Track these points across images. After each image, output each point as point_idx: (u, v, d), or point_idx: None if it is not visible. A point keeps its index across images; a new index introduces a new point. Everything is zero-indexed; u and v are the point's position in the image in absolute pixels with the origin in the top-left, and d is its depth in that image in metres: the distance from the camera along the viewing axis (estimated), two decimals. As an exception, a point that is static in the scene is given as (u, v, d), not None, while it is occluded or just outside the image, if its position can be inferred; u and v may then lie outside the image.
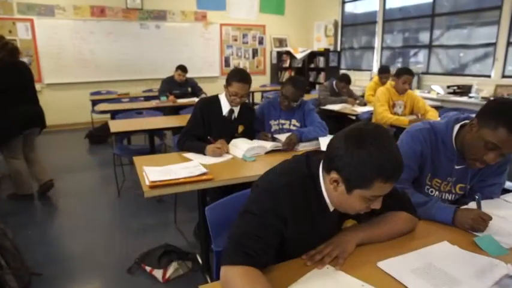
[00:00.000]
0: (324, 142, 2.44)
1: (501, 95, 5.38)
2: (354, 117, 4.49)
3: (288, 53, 8.83)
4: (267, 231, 1.02)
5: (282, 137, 2.51)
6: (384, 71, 4.98)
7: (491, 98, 5.34)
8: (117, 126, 3.37)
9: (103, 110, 4.53)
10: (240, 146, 2.29)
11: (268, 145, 2.35)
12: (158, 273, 2.30)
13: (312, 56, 8.75)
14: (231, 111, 2.50)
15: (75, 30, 6.81)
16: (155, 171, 1.83)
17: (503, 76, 5.60)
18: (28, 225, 3.09)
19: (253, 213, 1.04)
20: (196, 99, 5.15)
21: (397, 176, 0.98)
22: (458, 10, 6.13)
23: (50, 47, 6.68)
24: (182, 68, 5.17)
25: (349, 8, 8.32)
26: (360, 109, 4.29)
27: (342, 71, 8.50)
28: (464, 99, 5.60)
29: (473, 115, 1.43)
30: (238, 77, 2.33)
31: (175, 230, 2.98)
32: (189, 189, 1.76)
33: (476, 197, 1.38)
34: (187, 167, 1.93)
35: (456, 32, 6.24)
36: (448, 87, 5.95)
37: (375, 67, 7.71)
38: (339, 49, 8.57)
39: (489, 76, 5.77)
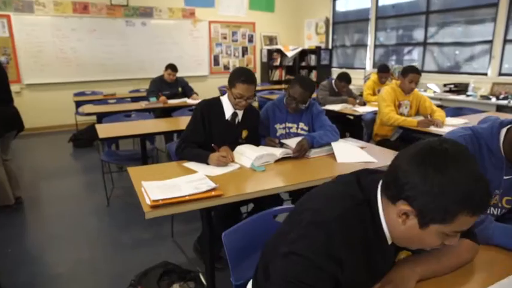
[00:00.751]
0: (337, 147, 2.24)
1: (499, 93, 5.30)
2: (351, 117, 4.32)
3: (279, 51, 8.63)
4: (319, 277, 0.80)
5: (291, 142, 2.30)
6: (384, 70, 4.81)
7: (490, 97, 5.28)
8: (105, 130, 3.09)
9: (89, 112, 4.23)
10: (247, 154, 2.06)
11: (278, 152, 2.12)
12: (158, 297, 2.05)
13: (303, 54, 8.58)
14: (235, 115, 2.27)
15: (56, 27, 6.44)
16: (156, 187, 1.59)
17: (500, 74, 5.53)
18: (7, 242, 2.79)
19: (299, 254, 0.81)
20: (187, 100, 4.93)
21: (486, 206, 0.78)
22: (453, 7, 6.04)
23: (29, 45, 6.28)
24: (172, 67, 4.90)
25: (340, 5, 8.16)
26: (361, 109, 4.11)
27: (334, 69, 8.38)
28: (461, 97, 5.50)
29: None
30: (243, 77, 2.10)
31: (172, 243, 2.73)
32: (196, 207, 1.53)
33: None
34: (192, 181, 1.69)
35: (451, 29, 6.15)
36: (445, 85, 5.85)
37: (368, 65, 7.58)
38: (330, 47, 8.41)
39: (485, 74, 5.69)
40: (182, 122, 3.61)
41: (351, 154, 2.18)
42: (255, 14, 8.49)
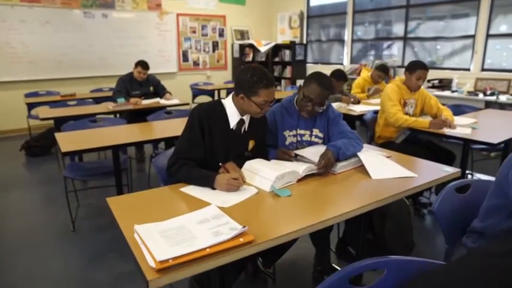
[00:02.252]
0: (366, 160, 1.84)
1: (484, 89, 5.21)
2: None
3: (251, 46, 8.20)
4: None
5: (308, 153, 1.88)
6: (384, 70, 4.48)
7: (477, 92, 5.17)
8: (68, 141, 2.51)
9: (45, 116, 3.57)
10: (263, 173, 1.62)
11: (300, 169, 1.70)
12: None
13: (277, 49, 8.21)
14: (241, 123, 1.82)
15: (0, 18, 5.60)
16: (158, 235, 1.10)
17: (483, 69, 5.44)
18: None
19: None
20: (160, 100, 4.37)
21: None
22: (434, 1, 5.89)
23: (-32, 39, 5.43)
24: (143, 65, 4.32)
25: (316, -2, 7.87)
26: (358, 108, 3.77)
27: (309, 65, 8.07)
28: (447, 93, 5.36)
29: None
30: (265, 80, 1.65)
31: (160, 280, 2.23)
32: (220, 263, 1.06)
33: None
34: (207, 221, 1.22)
35: (432, 23, 6.00)
36: (428, 81, 5.69)
37: (345, 61, 7.34)
38: (305, 42, 8.09)
39: (468, 69, 5.58)
40: (160, 127, 3.09)
41: (385, 168, 1.80)
42: (225, 7, 8.01)
